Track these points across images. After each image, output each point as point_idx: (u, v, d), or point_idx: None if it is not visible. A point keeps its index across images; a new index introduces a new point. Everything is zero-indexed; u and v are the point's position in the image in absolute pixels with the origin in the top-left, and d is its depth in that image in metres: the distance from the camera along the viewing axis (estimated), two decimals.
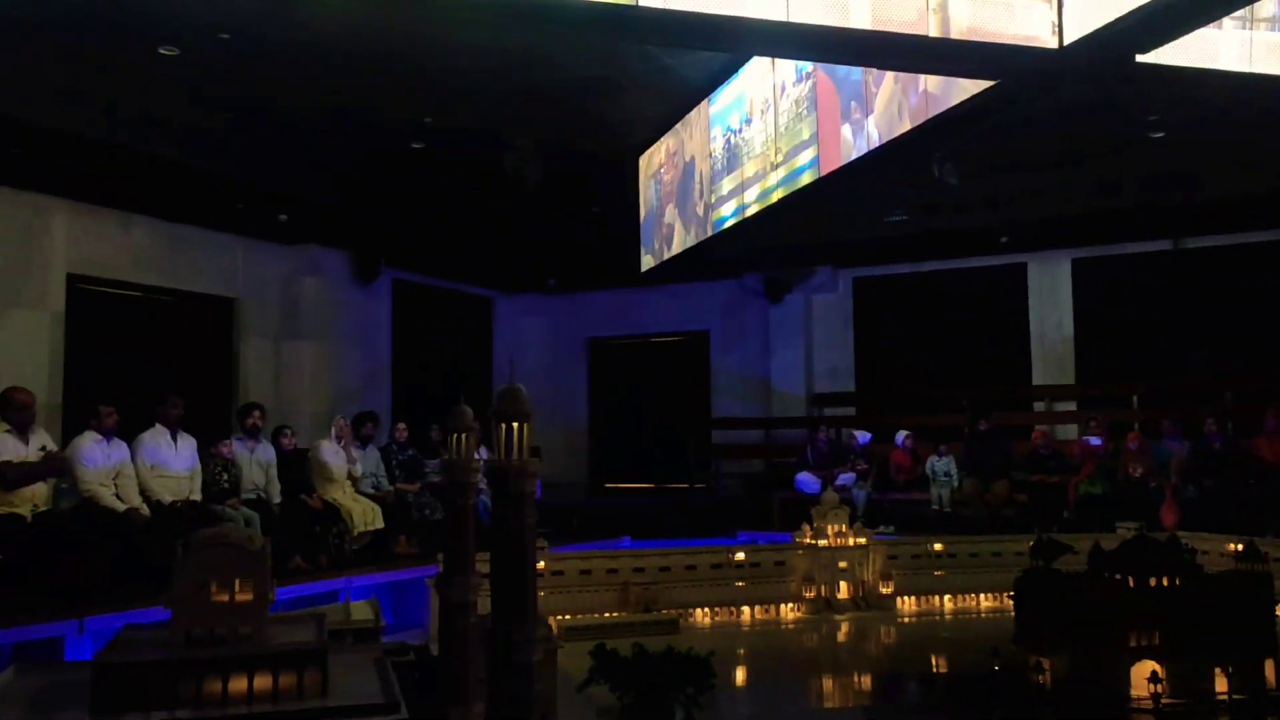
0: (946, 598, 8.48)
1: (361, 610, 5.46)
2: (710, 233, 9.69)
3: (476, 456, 3.87)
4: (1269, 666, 5.07)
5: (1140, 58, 5.40)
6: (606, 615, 7.54)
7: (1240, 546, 5.88)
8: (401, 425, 10.60)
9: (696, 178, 9.93)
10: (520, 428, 2.89)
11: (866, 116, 7.10)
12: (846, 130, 7.33)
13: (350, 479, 9.45)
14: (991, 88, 5.87)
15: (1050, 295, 14.02)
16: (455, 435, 3.76)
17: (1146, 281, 13.30)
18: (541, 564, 7.45)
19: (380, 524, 9.28)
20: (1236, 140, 9.01)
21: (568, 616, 7.39)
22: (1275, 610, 5.31)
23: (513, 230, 13.71)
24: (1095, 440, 11.33)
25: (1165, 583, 5.10)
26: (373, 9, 6.68)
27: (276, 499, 8.77)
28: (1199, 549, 6.11)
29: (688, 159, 10.04)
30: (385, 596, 8.15)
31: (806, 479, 12.50)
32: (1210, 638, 5.04)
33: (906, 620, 8.17)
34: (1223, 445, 10.48)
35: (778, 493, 12.82)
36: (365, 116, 9.42)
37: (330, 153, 10.50)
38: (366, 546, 9.23)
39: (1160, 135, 9.09)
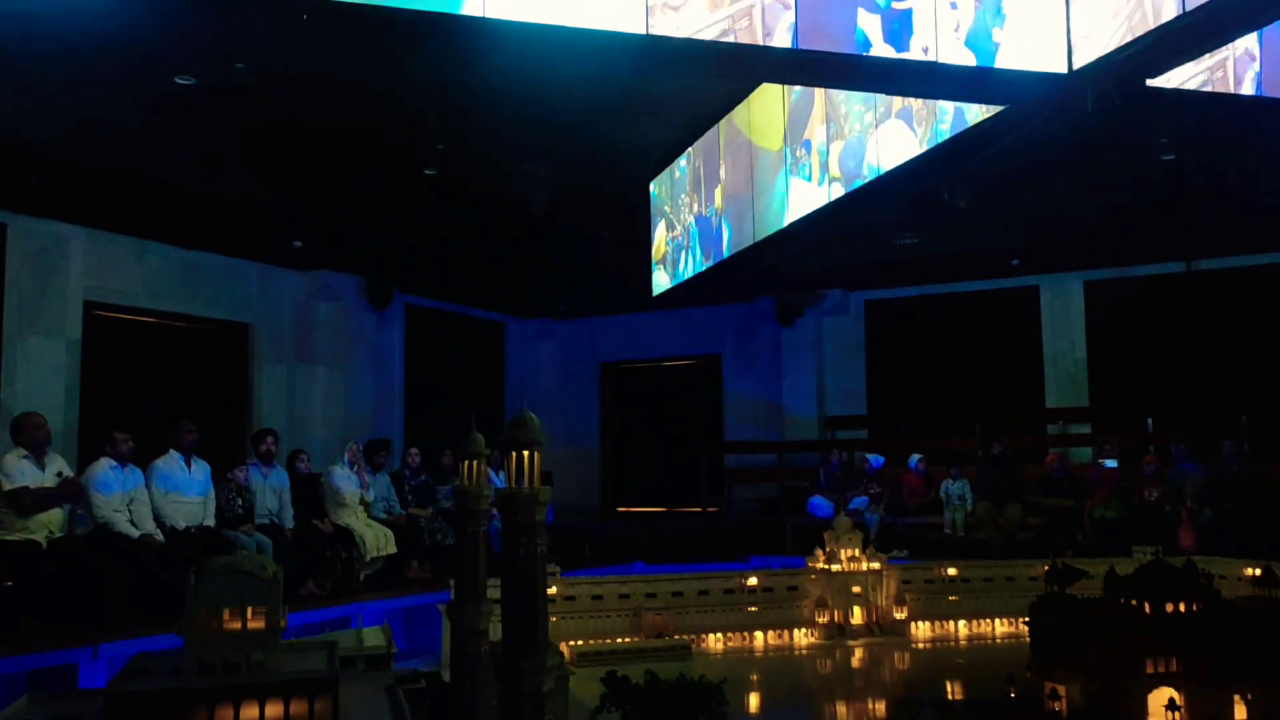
0: (961, 623, 8.41)
1: (373, 636, 5.45)
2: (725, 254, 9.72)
3: (489, 483, 3.87)
4: None
5: (1150, 82, 5.42)
6: (619, 641, 7.51)
7: (1258, 571, 5.83)
8: (414, 450, 10.61)
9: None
10: (530, 455, 2.90)
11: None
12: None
13: (363, 504, 9.46)
14: (1001, 112, 5.89)
15: (1062, 317, 13.98)
16: (466, 462, 3.77)
17: (1159, 303, 13.26)
18: (554, 589, 7.43)
19: (393, 549, 9.27)
20: (1247, 162, 8.99)
21: (580, 642, 7.37)
22: None
23: (524, 255, 13.78)
24: (1110, 463, 11.26)
25: (1182, 609, 5.06)
26: (390, 43, 6.75)
27: (290, 524, 8.78)
28: (1216, 574, 6.06)
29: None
30: (398, 622, 8.15)
31: (819, 503, 12.45)
32: (1228, 664, 4.99)
33: (921, 646, 8.11)
34: (1240, 468, 10.40)
35: (791, 517, 12.76)
36: (378, 143, 9.50)
37: (344, 179, 10.59)
38: (379, 572, 9.22)
39: (1171, 158, 9.08)
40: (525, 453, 2.89)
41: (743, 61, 5.26)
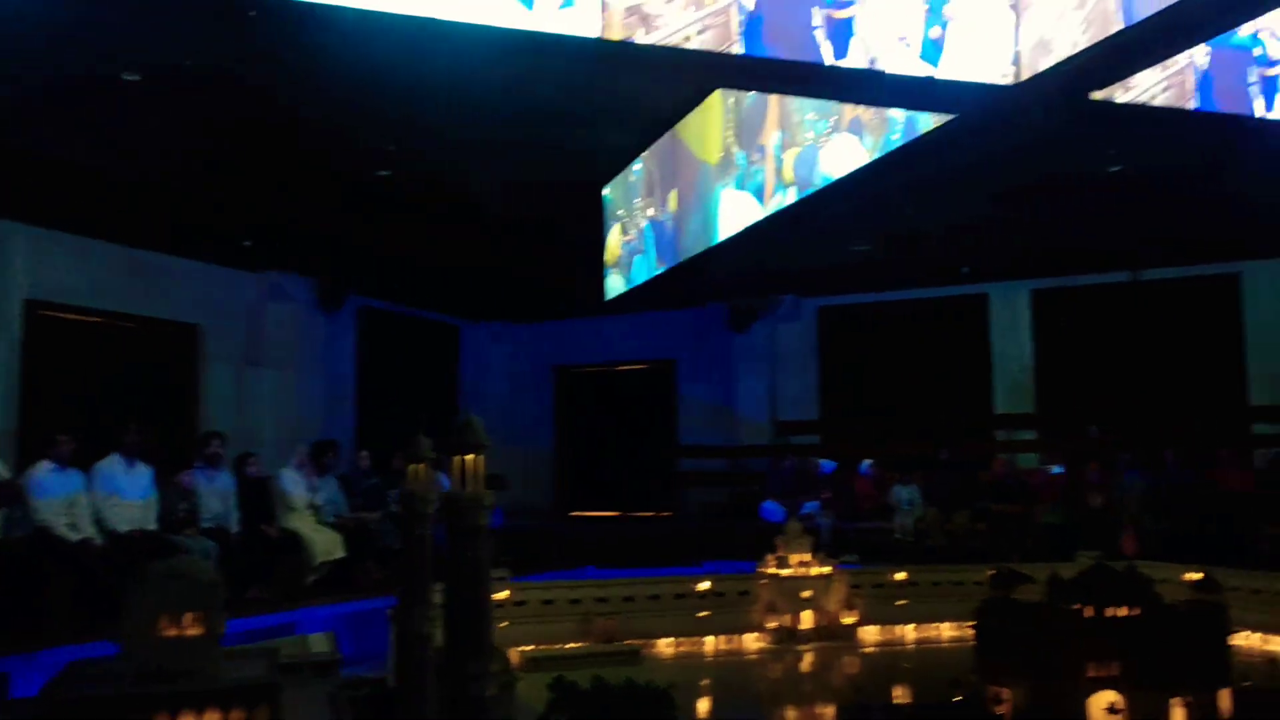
0: (909, 627, 8.50)
1: (319, 643, 5.39)
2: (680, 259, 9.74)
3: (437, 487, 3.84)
4: (1223, 697, 5.11)
5: (1094, 94, 5.52)
6: (568, 646, 7.48)
7: (1198, 576, 5.95)
8: (364, 453, 10.51)
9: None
10: (475, 459, 2.88)
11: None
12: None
13: (312, 508, 9.35)
14: (951, 121, 5.96)
15: (1011, 325, 14.20)
16: (412, 465, 3.73)
17: (1105, 312, 13.51)
18: (504, 594, 7.40)
19: (341, 553, 9.17)
20: (1192, 175, 9.19)
21: (530, 647, 7.33)
22: (1230, 640, 5.36)
23: (479, 258, 13.69)
24: (1056, 469, 11.45)
25: (1123, 613, 5.14)
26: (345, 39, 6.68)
27: (235, 528, 8.64)
28: (1157, 579, 6.17)
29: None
30: (346, 628, 8.04)
31: (772, 507, 12.51)
32: (1167, 668, 5.08)
33: (870, 650, 8.18)
34: (1181, 475, 10.62)
35: (743, 521, 12.81)
36: (331, 143, 9.39)
37: (296, 179, 10.45)
38: (328, 577, 9.11)
39: (1118, 169, 9.26)
40: (470, 457, 2.87)
41: (695, 67, 5.27)
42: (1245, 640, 7.42)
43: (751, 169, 8.40)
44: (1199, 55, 6.00)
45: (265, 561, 8.55)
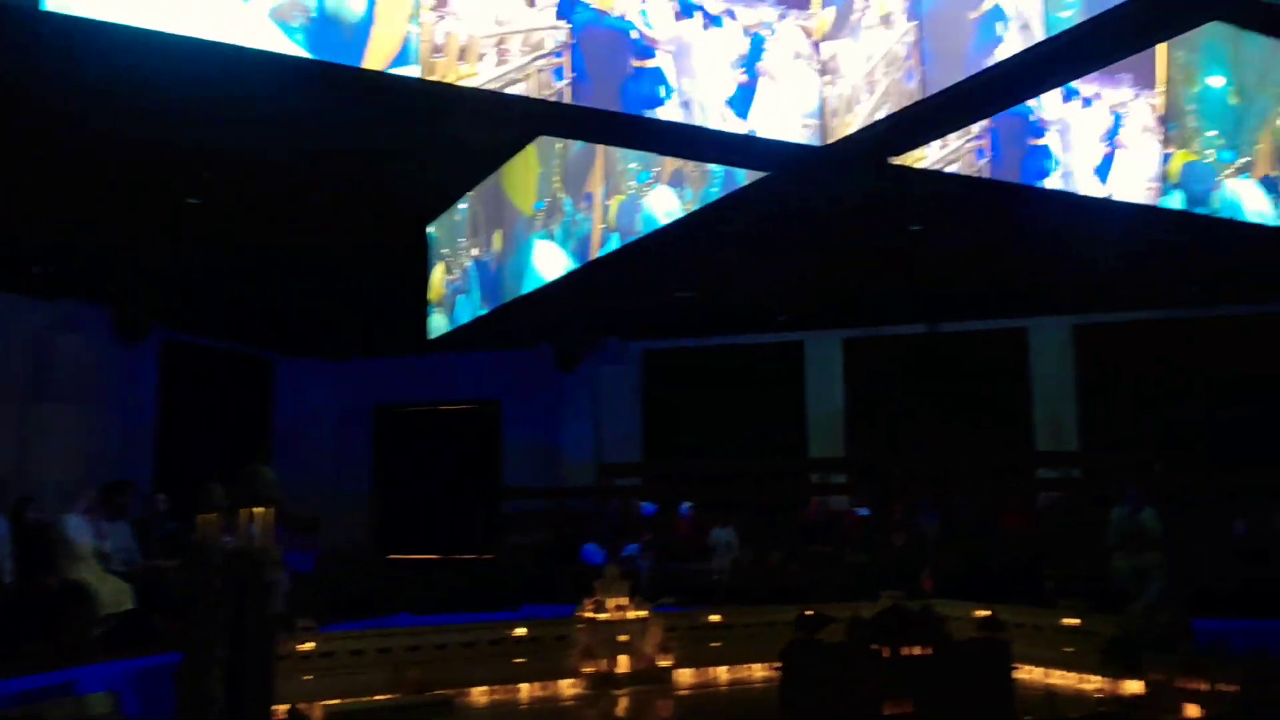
0: (723, 669, 8.61)
1: (99, 703, 5.00)
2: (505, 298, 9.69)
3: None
4: None
5: (893, 159, 5.86)
6: (377, 698, 7.21)
7: (985, 615, 6.30)
8: (161, 496, 9.90)
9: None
10: (264, 513, 2.75)
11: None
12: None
13: (99, 555, 8.70)
14: (762, 179, 6.20)
15: (824, 372, 14.82)
16: (203, 514, 3.53)
17: (907, 361, 14.30)
18: (309, 645, 7.07)
19: (130, 605, 8.55)
20: (983, 236, 9.89)
21: (335, 701, 7.01)
22: (1013, 676, 5.70)
23: (296, 292, 13.23)
24: (863, 511, 11.96)
25: (917, 652, 5.39)
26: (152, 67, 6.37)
27: (8, 578, 7.94)
28: (951, 616, 6.52)
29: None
30: (135, 686, 7.48)
31: (593, 550, 12.51)
32: (957, 704, 5.35)
33: (684, 693, 8.23)
34: (972, 516, 11.30)
35: (565, 564, 12.75)
36: (136, 167, 8.91)
37: (95, 203, 9.83)
38: (116, 630, 8.47)
39: (919, 229, 9.85)
40: (258, 510, 2.74)
41: (514, 113, 5.29)
42: (1028, 675, 7.89)
43: (579, 216, 8.47)
44: (991, 124, 6.48)
45: (43, 615, 7.87)
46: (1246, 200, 6.97)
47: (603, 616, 8.28)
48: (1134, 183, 6.71)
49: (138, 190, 9.49)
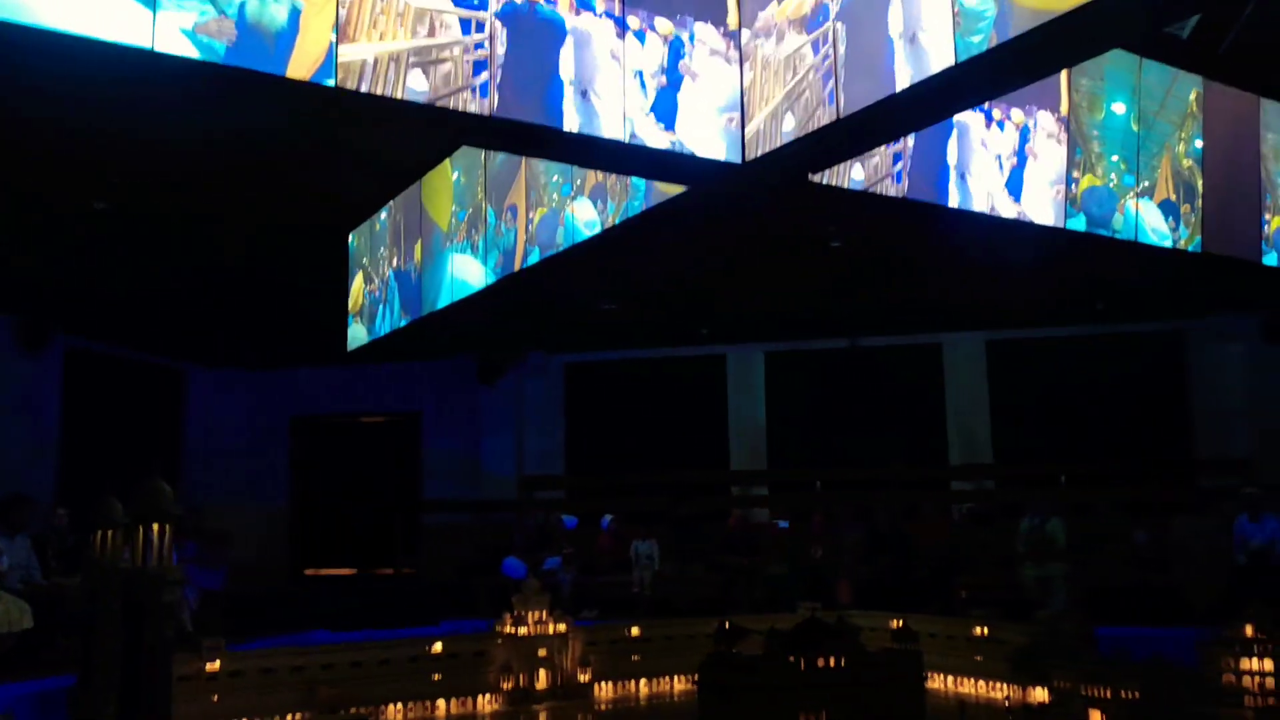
0: (643, 683, 8.61)
1: None
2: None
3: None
4: None
5: (812, 176, 5.96)
6: (289, 718, 7.04)
7: (898, 625, 6.41)
8: (62, 511, 9.54)
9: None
10: (161, 529, 2.66)
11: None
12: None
13: None
14: (682, 194, 6.25)
15: (745, 386, 14.96)
16: (101, 532, 3.40)
17: (828, 375, 14.52)
18: (215, 665, 6.87)
19: (29, 624, 8.18)
20: (899, 253, 10.10)
21: None
22: (925, 685, 5.81)
23: (210, 300, 12.89)
24: (783, 523, 12.08)
25: (831, 663, 5.46)
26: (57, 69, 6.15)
27: None
28: (866, 627, 6.62)
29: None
30: (31, 709, 7.18)
31: (514, 564, 12.40)
32: (871, 714, 5.43)
33: (603, 707, 8.21)
34: (888, 528, 11.49)
35: (486, 578, 12.62)
36: (39, 171, 8.60)
37: None
38: (12, 650, 8.12)
39: (838, 245, 10.02)
40: (155, 526, 2.65)
41: (434, 122, 5.25)
42: (939, 684, 8.06)
43: (502, 228, 8.42)
44: (908, 143, 6.63)
45: None
46: (1147, 222, 7.25)
47: (522, 631, 8.22)
48: (1043, 204, 6.93)
49: (41, 195, 9.17)
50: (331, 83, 4.76)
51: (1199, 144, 7.57)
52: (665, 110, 5.65)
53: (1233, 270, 7.92)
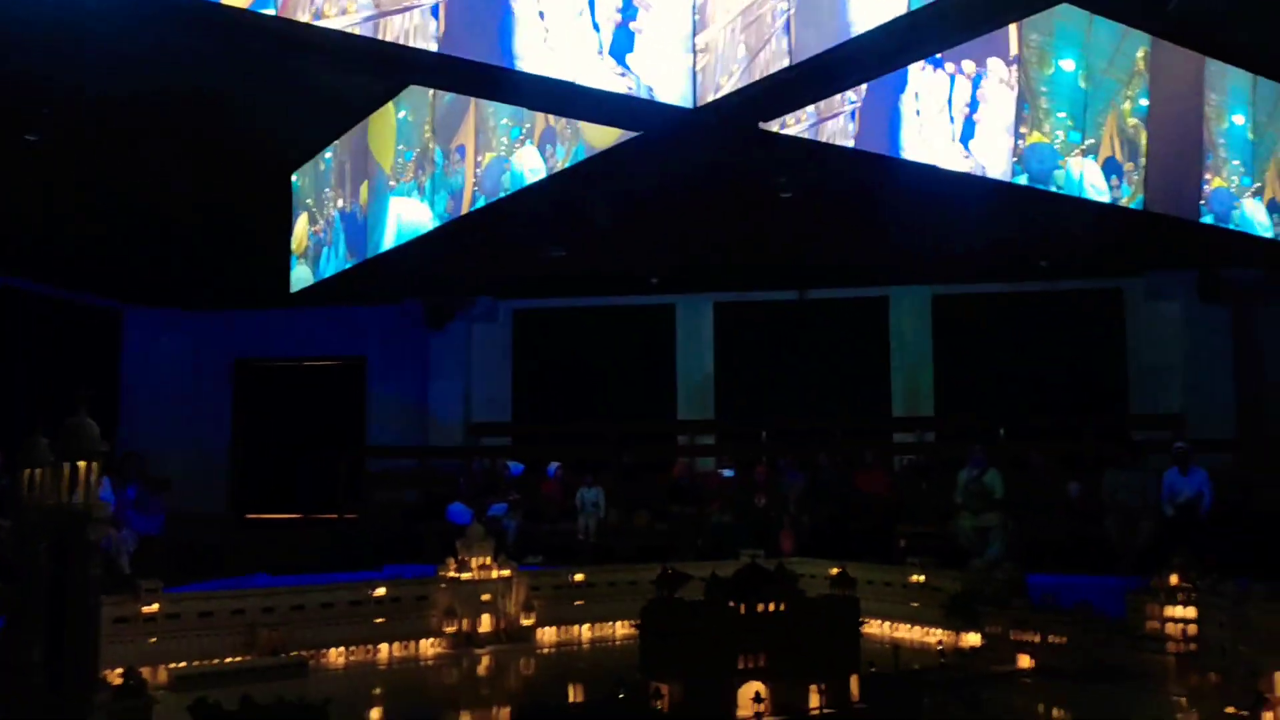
0: (585, 627, 8.70)
1: None
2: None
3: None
4: (854, 682, 5.63)
5: (763, 125, 5.91)
6: (228, 661, 7.00)
7: (836, 572, 6.51)
8: None
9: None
10: (88, 466, 2.59)
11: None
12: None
13: None
14: (635, 138, 6.17)
15: (694, 336, 14.98)
16: (30, 472, 3.30)
17: (776, 326, 14.59)
18: (153, 607, 6.80)
19: None
20: (849, 204, 10.11)
21: (183, 664, 6.79)
22: (861, 630, 5.91)
23: (148, 237, 12.54)
24: (728, 472, 12.19)
25: (770, 608, 5.53)
26: None
27: None
28: (806, 574, 6.73)
29: None
30: None
31: (459, 509, 12.38)
32: (808, 658, 5.52)
33: (547, 651, 8.29)
34: (831, 478, 11.65)
35: (432, 524, 12.59)
36: None
37: None
38: None
39: (789, 195, 9.99)
40: (82, 463, 2.58)
41: (378, 60, 5.10)
42: (876, 629, 8.24)
43: (451, 169, 8.27)
44: (859, 93, 6.60)
45: None
46: (1089, 180, 7.32)
47: (465, 576, 8.24)
48: (994, 154, 6.96)
49: None
50: (272, 11, 4.60)
51: (1144, 102, 7.64)
52: (621, 48, 5.55)
53: (1172, 229, 8.04)
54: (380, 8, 4.94)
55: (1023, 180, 7.02)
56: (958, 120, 6.91)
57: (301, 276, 11.07)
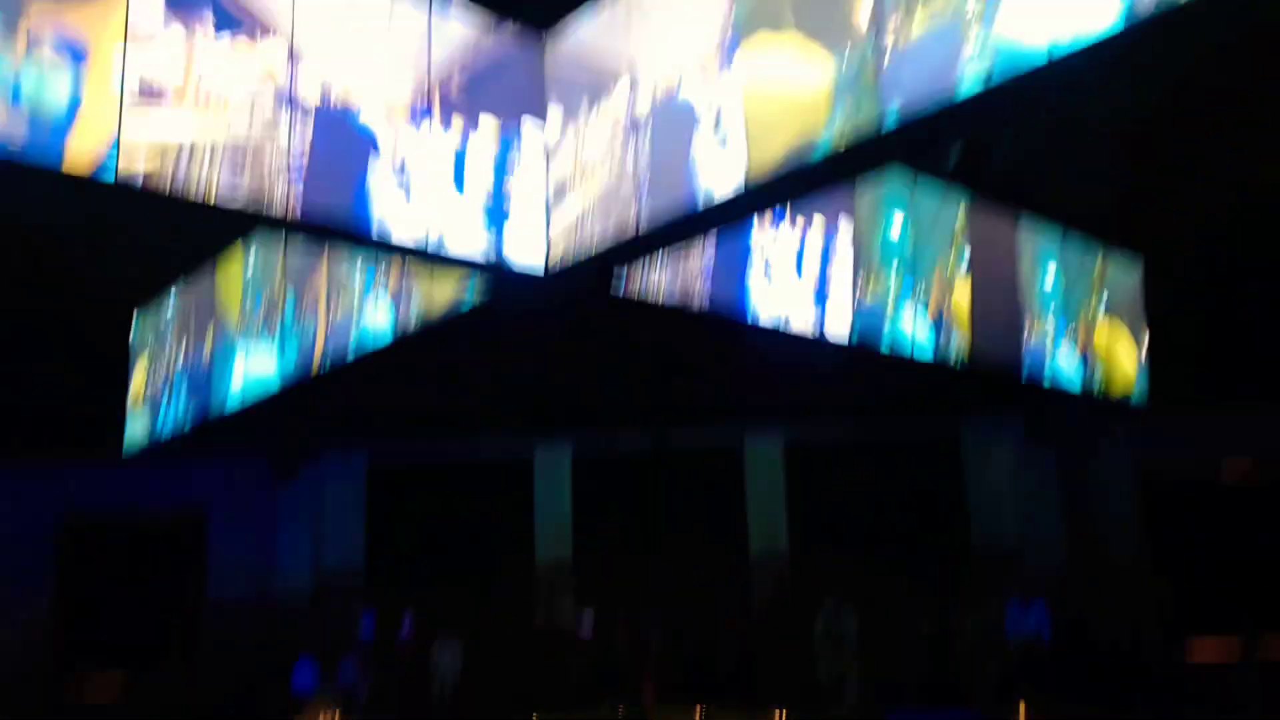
0: None
1: None
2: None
3: None
4: None
5: (615, 287, 6.11)
6: None
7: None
8: None
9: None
10: None
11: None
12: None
13: None
14: (491, 296, 6.27)
15: (552, 484, 14.74)
16: None
17: (634, 473, 14.56)
18: None
19: None
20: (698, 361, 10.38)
21: None
22: None
23: None
24: (589, 620, 11.96)
25: None
26: None
27: None
28: None
29: None
30: None
31: (306, 667, 11.73)
32: None
33: None
34: (692, 624, 11.55)
35: (275, 683, 11.81)
36: None
37: None
38: None
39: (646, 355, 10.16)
40: None
41: (241, 219, 5.07)
42: None
43: (302, 319, 8.13)
44: (712, 252, 6.84)
45: None
46: (917, 336, 7.75)
47: None
48: (841, 310, 7.30)
49: None
50: (111, 179, 4.53)
51: (965, 263, 8.20)
52: (491, 207, 5.66)
53: (998, 380, 8.55)
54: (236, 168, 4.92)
55: (856, 335, 7.37)
56: (809, 272, 7.23)
57: (136, 431, 10.52)
